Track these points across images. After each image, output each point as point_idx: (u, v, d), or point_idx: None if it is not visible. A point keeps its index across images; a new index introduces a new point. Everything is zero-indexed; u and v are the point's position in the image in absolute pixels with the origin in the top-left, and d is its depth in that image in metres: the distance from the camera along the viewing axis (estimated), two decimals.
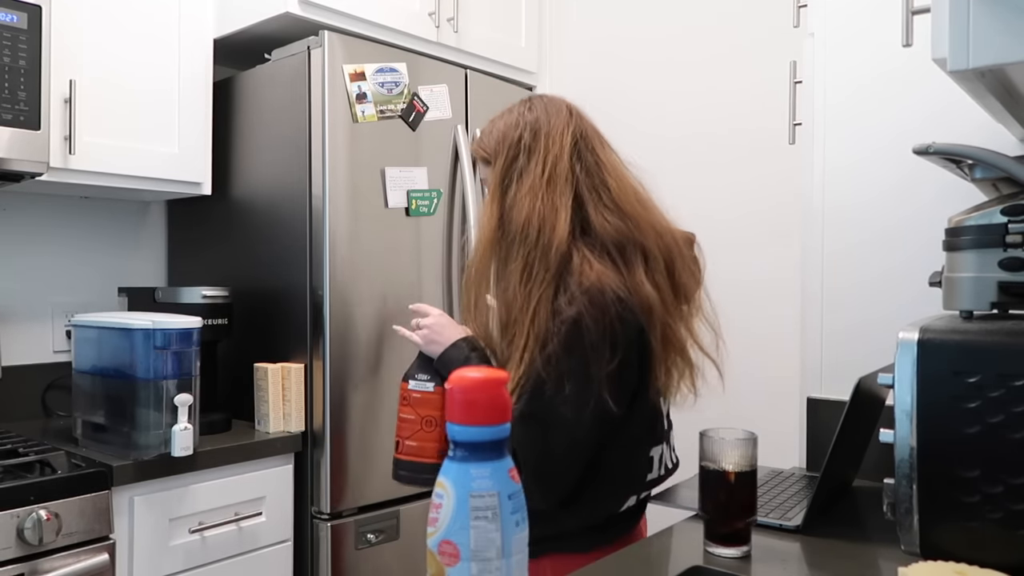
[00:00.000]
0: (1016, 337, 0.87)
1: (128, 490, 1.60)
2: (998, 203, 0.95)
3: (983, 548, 0.88)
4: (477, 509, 0.68)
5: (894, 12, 1.26)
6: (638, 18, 2.50)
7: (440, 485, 0.70)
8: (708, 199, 2.32)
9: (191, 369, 1.69)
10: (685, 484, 1.38)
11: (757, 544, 1.09)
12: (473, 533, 0.68)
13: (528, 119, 1.22)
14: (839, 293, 1.60)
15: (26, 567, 1.41)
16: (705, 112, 2.34)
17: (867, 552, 1.10)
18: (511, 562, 0.69)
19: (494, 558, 0.68)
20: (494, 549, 0.68)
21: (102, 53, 1.85)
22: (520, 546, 0.71)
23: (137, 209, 2.32)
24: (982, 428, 0.88)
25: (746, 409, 2.14)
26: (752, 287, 2.23)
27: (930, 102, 1.48)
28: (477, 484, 0.68)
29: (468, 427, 0.69)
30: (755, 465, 1.07)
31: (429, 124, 2.09)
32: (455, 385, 0.71)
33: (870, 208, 1.57)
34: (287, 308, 1.98)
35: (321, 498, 1.88)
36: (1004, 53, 0.74)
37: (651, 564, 1.08)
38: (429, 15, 2.22)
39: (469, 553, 0.67)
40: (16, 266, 2.08)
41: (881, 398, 1.32)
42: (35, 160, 1.67)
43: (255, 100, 2.10)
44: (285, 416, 1.91)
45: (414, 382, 1.26)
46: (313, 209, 1.92)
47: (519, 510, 0.71)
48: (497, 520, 0.68)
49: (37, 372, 2.06)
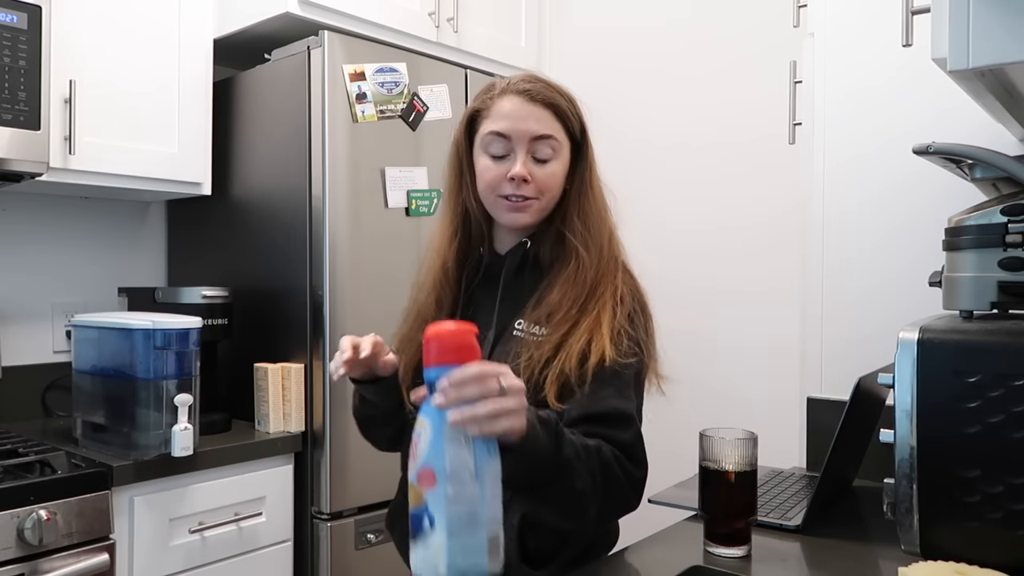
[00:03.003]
0: (1016, 337, 0.87)
1: (128, 490, 1.60)
2: (998, 203, 0.95)
3: (983, 548, 0.88)
4: (450, 437, 0.75)
5: (894, 12, 1.26)
6: (638, 17, 2.50)
7: (420, 424, 0.77)
8: (709, 198, 2.32)
9: (191, 369, 1.69)
10: (685, 484, 1.38)
11: (757, 544, 1.09)
12: (448, 458, 0.74)
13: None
14: (839, 293, 1.60)
15: (26, 567, 1.41)
16: (705, 112, 2.34)
17: (867, 552, 1.10)
18: (484, 485, 0.75)
19: (468, 480, 0.74)
20: (467, 472, 0.74)
21: (102, 53, 1.85)
22: (494, 474, 0.76)
23: (137, 209, 2.32)
24: (982, 428, 0.88)
25: (746, 409, 2.14)
26: (752, 286, 2.23)
27: (930, 102, 1.48)
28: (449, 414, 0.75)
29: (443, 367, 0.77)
30: (755, 465, 1.07)
31: (429, 124, 2.09)
32: (431, 335, 0.79)
33: (870, 208, 1.57)
34: (287, 308, 1.98)
35: (321, 498, 1.88)
36: (1004, 53, 0.74)
37: (651, 564, 1.08)
38: (429, 15, 2.22)
39: (445, 476, 0.73)
40: (16, 266, 2.08)
41: (881, 398, 1.32)
42: (35, 160, 1.67)
43: (255, 100, 2.10)
44: (285, 416, 1.91)
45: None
46: (313, 209, 1.92)
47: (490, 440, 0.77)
48: (469, 445, 0.75)
49: (37, 372, 2.06)
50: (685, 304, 2.31)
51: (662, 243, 2.34)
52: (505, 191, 1.10)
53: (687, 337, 2.30)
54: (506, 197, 1.10)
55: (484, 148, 1.12)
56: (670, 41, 2.42)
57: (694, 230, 2.35)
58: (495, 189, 1.11)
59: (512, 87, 1.12)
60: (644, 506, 1.32)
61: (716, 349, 2.26)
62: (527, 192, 1.09)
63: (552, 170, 1.11)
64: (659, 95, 2.43)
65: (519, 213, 1.10)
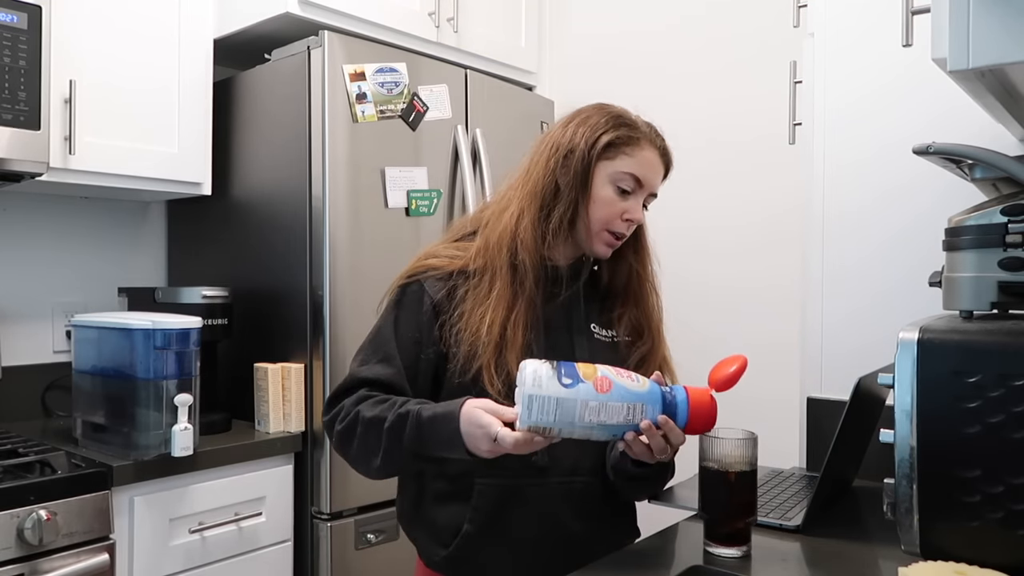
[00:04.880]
0: (1016, 337, 0.87)
1: (128, 490, 1.60)
2: (998, 203, 0.95)
3: (983, 548, 0.88)
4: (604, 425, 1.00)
5: (894, 12, 1.26)
6: (638, 18, 2.50)
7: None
8: (709, 197, 2.32)
9: (191, 369, 1.69)
10: (685, 484, 1.38)
11: (757, 544, 1.09)
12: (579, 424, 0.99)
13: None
14: (839, 292, 1.60)
15: (26, 567, 1.41)
16: (704, 111, 2.34)
17: (867, 552, 1.10)
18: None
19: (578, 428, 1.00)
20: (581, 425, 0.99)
21: (102, 53, 1.85)
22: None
23: (137, 209, 2.32)
24: (982, 428, 0.88)
25: (746, 409, 2.14)
26: (752, 285, 2.23)
27: (930, 102, 1.48)
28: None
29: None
30: (755, 465, 1.07)
31: (429, 124, 2.09)
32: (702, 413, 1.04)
33: (870, 208, 1.57)
34: (287, 308, 1.98)
35: (321, 498, 1.88)
36: (1004, 53, 0.74)
37: (651, 564, 1.08)
38: (429, 15, 2.22)
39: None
40: (16, 266, 2.08)
41: (881, 398, 1.32)
42: (35, 160, 1.67)
43: (255, 100, 2.10)
44: (285, 416, 1.91)
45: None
46: (313, 209, 1.92)
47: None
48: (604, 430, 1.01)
49: (37, 372, 2.06)
50: (685, 301, 2.31)
51: (661, 241, 2.34)
52: (616, 228, 1.18)
53: (687, 335, 2.30)
54: (611, 232, 1.19)
55: (615, 181, 1.17)
56: (669, 41, 2.42)
57: (694, 227, 2.34)
58: (608, 223, 1.18)
59: (655, 141, 1.22)
60: (644, 506, 1.33)
61: (716, 348, 2.26)
62: (628, 232, 1.21)
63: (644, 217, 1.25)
64: (657, 93, 2.43)
65: (610, 249, 1.21)
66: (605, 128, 1.17)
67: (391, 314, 1.19)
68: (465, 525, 1.15)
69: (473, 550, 1.15)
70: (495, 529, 1.15)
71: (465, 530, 1.15)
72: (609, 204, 1.16)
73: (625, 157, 1.17)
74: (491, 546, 1.15)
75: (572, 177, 1.16)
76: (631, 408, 0.99)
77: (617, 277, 1.27)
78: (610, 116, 1.19)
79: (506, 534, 1.15)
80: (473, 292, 1.15)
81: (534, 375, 0.97)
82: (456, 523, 1.16)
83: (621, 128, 1.17)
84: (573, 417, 0.97)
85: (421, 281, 1.18)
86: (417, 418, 1.07)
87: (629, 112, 1.22)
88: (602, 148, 1.16)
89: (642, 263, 1.27)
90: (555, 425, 0.97)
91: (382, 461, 1.11)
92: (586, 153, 1.15)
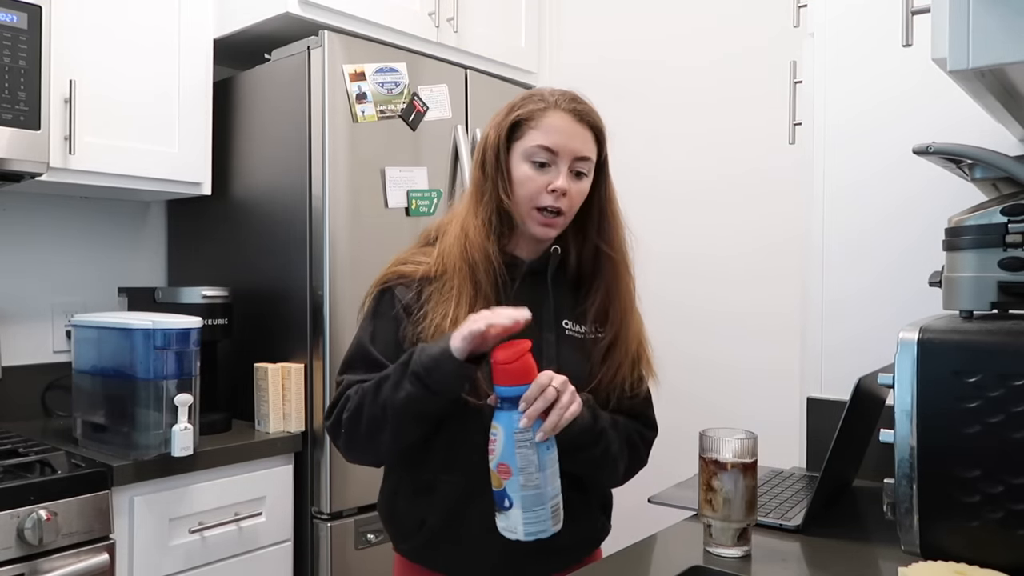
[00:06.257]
0: (1016, 337, 0.87)
1: (128, 490, 1.60)
2: (998, 203, 0.95)
3: (983, 548, 0.88)
4: (519, 441, 1.02)
5: (894, 12, 1.26)
6: (638, 18, 2.50)
7: (493, 428, 1.04)
8: (709, 196, 2.32)
9: (191, 369, 1.69)
10: (685, 484, 1.38)
11: (757, 544, 1.09)
12: (518, 457, 1.02)
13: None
14: (840, 292, 1.60)
15: (26, 567, 1.41)
16: (704, 111, 2.34)
17: (867, 552, 1.10)
18: (546, 473, 1.04)
19: (534, 472, 1.03)
20: (533, 466, 1.03)
21: (102, 53, 1.85)
22: (551, 461, 1.05)
23: (137, 209, 2.32)
24: (982, 428, 0.88)
25: (746, 409, 2.14)
26: (752, 285, 2.23)
27: (930, 102, 1.48)
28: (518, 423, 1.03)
29: (513, 387, 1.03)
30: (755, 465, 1.07)
31: (429, 124, 2.09)
32: (503, 359, 1.03)
33: (870, 209, 1.57)
34: (287, 308, 1.98)
35: (321, 498, 1.88)
36: (1004, 53, 0.74)
37: (651, 564, 1.08)
38: (429, 15, 2.22)
39: (517, 470, 1.02)
40: (16, 266, 2.08)
41: (881, 398, 1.32)
42: (35, 160, 1.67)
43: (255, 100, 2.10)
44: (285, 416, 1.91)
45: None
46: (313, 209, 1.92)
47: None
48: (534, 446, 1.03)
49: (37, 372, 2.06)
50: (684, 301, 2.32)
51: (660, 240, 2.34)
52: (543, 202, 1.16)
53: (687, 336, 2.30)
54: (539, 209, 1.17)
55: (527, 157, 1.17)
56: (669, 41, 2.42)
57: (695, 226, 2.35)
58: (533, 199, 1.17)
59: (562, 104, 1.18)
60: (644, 506, 1.33)
61: (716, 348, 2.27)
62: (562, 205, 1.16)
63: (583, 187, 1.19)
64: (657, 93, 2.43)
65: (549, 228, 1.18)
66: (510, 110, 1.20)
67: (369, 324, 1.24)
68: (428, 518, 1.20)
69: (434, 542, 1.20)
70: (454, 524, 1.19)
71: (428, 523, 1.20)
72: (529, 180, 1.16)
73: (532, 131, 1.17)
74: (449, 541, 1.20)
75: (491, 167, 1.19)
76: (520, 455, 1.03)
77: (583, 261, 1.25)
78: (518, 99, 1.21)
79: (466, 529, 1.18)
80: (437, 295, 1.18)
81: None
82: (420, 516, 1.21)
83: (526, 105, 1.19)
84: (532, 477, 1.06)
85: (392, 288, 1.23)
86: (410, 354, 1.11)
87: (543, 89, 1.21)
88: (509, 129, 1.18)
89: (607, 240, 1.23)
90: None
91: (391, 428, 1.13)
92: (497, 139, 1.19)
